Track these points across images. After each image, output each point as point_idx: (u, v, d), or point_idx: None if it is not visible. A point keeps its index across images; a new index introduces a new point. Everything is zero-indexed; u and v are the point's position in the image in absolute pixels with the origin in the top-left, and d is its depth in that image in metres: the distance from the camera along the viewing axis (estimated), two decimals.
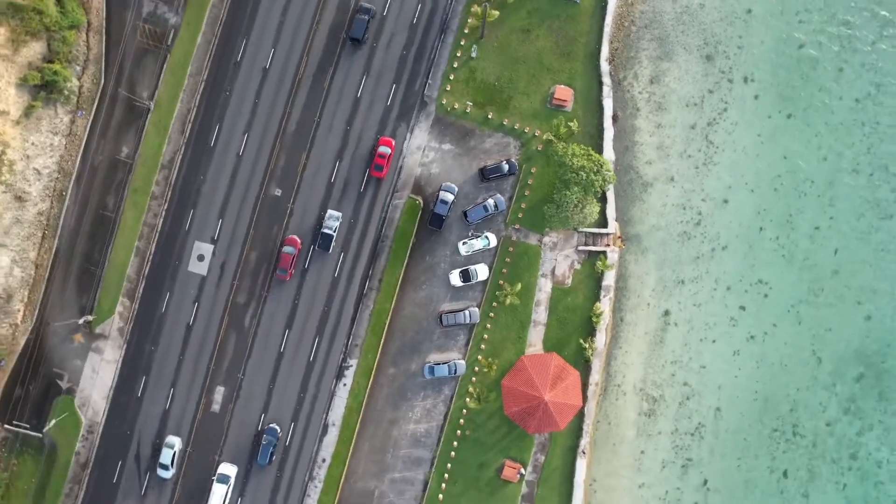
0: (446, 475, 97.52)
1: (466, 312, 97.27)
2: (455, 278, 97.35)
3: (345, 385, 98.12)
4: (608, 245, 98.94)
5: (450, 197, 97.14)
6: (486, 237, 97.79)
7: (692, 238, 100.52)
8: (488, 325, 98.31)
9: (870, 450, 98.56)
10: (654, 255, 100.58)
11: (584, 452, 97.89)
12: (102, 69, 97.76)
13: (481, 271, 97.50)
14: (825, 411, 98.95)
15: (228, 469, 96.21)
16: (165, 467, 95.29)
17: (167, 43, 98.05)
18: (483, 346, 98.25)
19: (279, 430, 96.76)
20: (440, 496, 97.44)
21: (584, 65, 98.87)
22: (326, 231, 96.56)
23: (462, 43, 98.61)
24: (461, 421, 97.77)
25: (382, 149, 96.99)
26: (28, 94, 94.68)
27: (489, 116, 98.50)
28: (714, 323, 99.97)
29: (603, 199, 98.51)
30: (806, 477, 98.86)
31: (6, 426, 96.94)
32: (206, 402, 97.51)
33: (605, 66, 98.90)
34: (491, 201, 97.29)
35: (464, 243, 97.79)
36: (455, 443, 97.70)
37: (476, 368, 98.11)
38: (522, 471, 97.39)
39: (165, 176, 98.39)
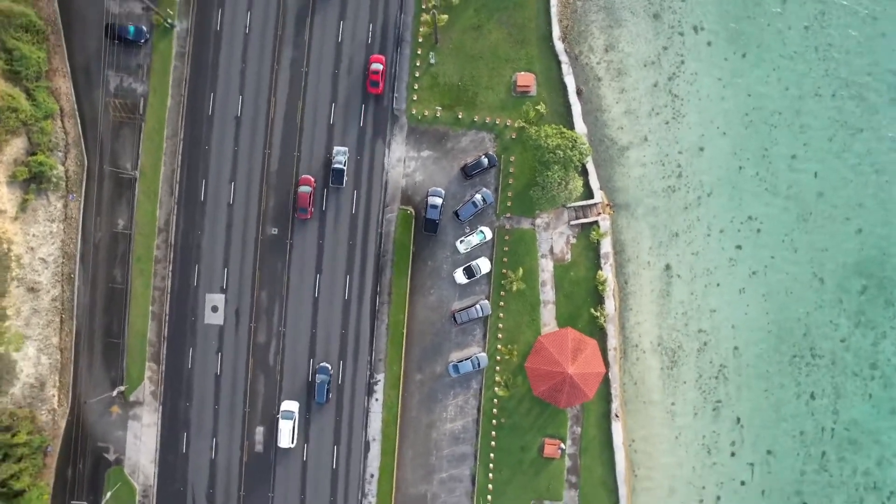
0: (491, 465, 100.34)
1: (478, 307, 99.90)
2: (460, 276, 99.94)
3: (377, 400, 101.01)
4: (598, 214, 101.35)
5: (438, 201, 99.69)
6: (482, 231, 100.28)
7: (677, 190, 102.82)
8: (501, 314, 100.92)
9: (888, 356, 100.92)
10: (644, 214, 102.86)
11: (616, 416, 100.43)
12: (84, 150, 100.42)
13: (483, 265, 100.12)
14: (837, 329, 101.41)
15: (292, 405, 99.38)
16: None
17: (140, 112, 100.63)
18: (500, 335, 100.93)
19: (331, 368, 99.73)
20: (489, 486, 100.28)
21: (539, 48, 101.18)
22: (337, 166, 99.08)
23: (419, 52, 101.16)
24: (494, 410, 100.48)
25: (375, 66, 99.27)
26: (19, 189, 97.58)
27: (459, 116, 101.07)
28: (715, 267, 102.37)
29: (584, 172, 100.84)
30: (832, 395, 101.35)
31: None
32: (249, 445, 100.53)
33: (559, 45, 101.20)
34: (478, 196, 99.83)
35: (461, 241, 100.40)
36: (493, 433, 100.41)
37: (498, 358, 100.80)
38: (562, 445, 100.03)
39: (164, 239, 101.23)
